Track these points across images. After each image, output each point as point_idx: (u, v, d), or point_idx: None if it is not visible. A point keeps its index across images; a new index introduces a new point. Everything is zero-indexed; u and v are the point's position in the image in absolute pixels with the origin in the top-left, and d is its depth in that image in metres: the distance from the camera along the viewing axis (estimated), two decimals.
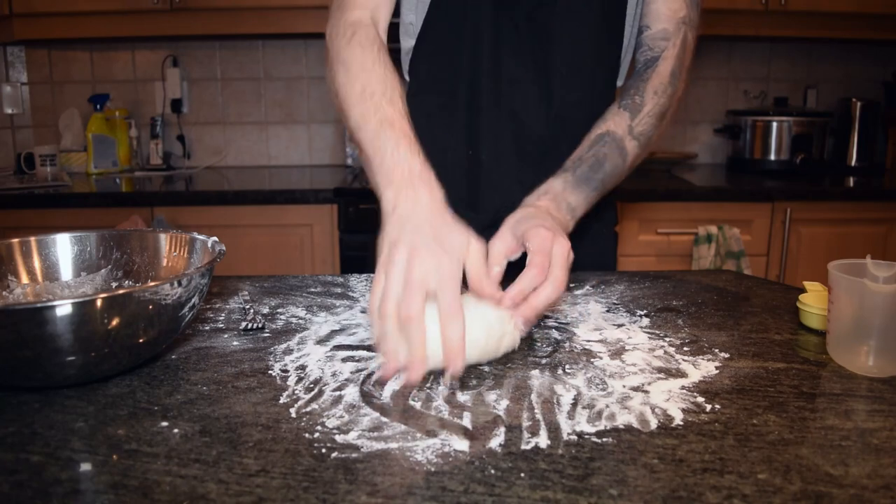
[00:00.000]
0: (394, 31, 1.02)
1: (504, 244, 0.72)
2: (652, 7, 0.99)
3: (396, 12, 1.04)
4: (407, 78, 1.15)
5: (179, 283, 0.61)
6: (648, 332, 0.76)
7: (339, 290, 0.92)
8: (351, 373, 0.65)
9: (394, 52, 1.00)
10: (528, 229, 0.72)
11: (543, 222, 0.73)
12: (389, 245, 0.64)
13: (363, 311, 0.83)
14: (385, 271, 0.62)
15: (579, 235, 1.07)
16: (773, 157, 2.48)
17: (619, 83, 1.09)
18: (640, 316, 0.82)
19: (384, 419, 0.55)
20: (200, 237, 0.75)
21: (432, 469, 0.48)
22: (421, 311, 0.59)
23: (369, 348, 0.71)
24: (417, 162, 0.73)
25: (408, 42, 1.10)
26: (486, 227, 0.76)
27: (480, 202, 1.06)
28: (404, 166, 0.72)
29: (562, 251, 0.70)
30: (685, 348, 0.72)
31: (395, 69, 0.86)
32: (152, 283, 0.59)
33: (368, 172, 0.77)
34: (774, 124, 2.47)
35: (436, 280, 0.60)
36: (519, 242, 0.72)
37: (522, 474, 0.47)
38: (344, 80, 0.85)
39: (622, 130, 0.91)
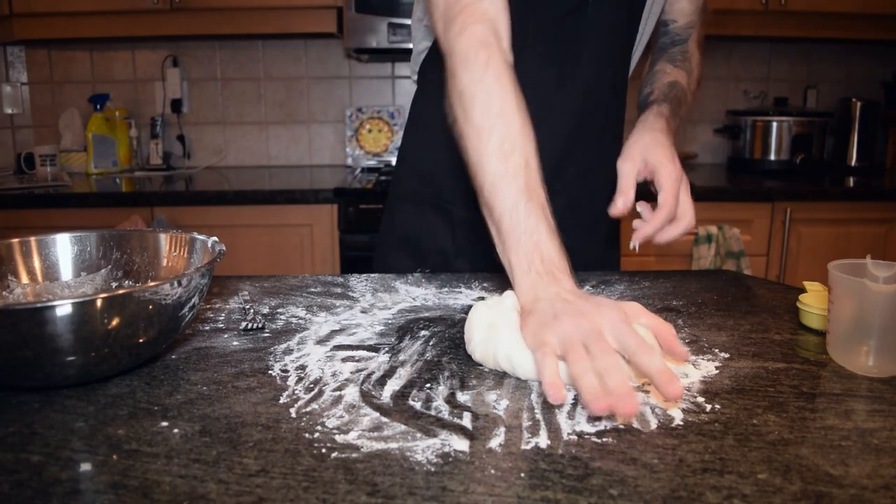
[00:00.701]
0: (405, 30, 1.02)
1: (634, 166, 0.83)
2: (677, 7, 1.07)
3: (407, 14, 1.04)
4: (414, 79, 1.15)
5: (179, 283, 0.61)
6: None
7: (339, 290, 0.92)
8: (351, 373, 0.65)
9: (403, 52, 0.99)
10: (660, 163, 0.82)
11: (672, 155, 0.83)
12: (545, 318, 0.60)
13: (363, 312, 0.83)
14: (556, 333, 0.58)
15: (590, 231, 1.08)
16: (773, 157, 2.48)
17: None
18: None
19: (384, 419, 0.55)
20: (200, 237, 0.75)
21: (432, 469, 0.48)
22: (616, 356, 0.56)
23: (369, 348, 0.71)
24: (557, 250, 0.67)
25: (422, 43, 1.09)
26: None
27: None
28: (545, 253, 0.66)
29: (687, 190, 0.82)
30: (685, 348, 0.72)
31: (528, 110, 0.76)
32: (152, 283, 0.59)
33: (497, 240, 0.70)
34: (774, 124, 2.47)
35: (610, 325, 0.57)
36: (648, 169, 0.82)
37: (522, 474, 0.47)
38: (480, 124, 0.73)
39: (685, 83, 1.01)
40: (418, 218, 1.11)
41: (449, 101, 0.78)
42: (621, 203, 0.82)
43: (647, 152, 0.83)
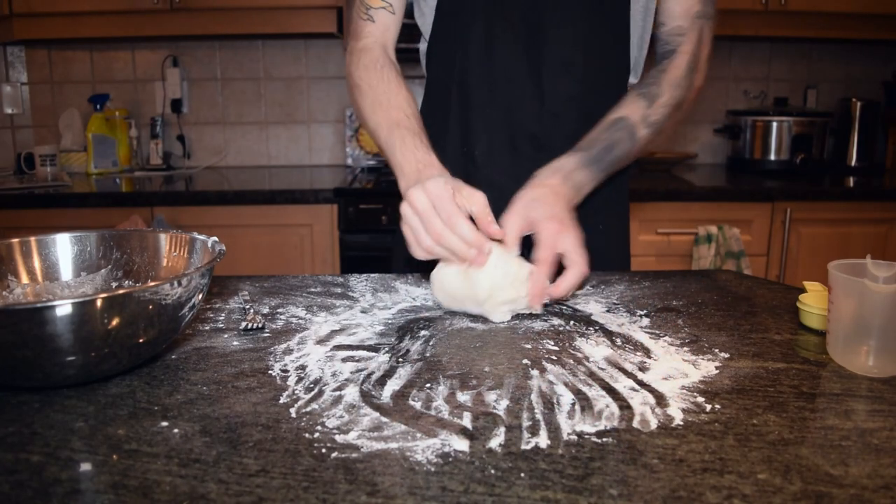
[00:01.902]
0: (405, 30, 1.08)
1: (517, 223, 0.82)
2: (665, 6, 1.01)
3: (411, 15, 1.08)
4: (426, 76, 1.17)
5: (179, 283, 0.61)
6: (648, 332, 0.76)
7: (339, 290, 0.92)
8: (351, 373, 0.65)
9: (403, 52, 1.04)
10: (538, 220, 0.82)
11: (553, 211, 0.83)
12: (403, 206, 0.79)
13: (363, 312, 0.83)
14: (404, 222, 0.79)
15: (602, 232, 1.08)
16: (773, 157, 2.48)
17: (635, 80, 1.09)
18: (640, 316, 0.82)
19: (384, 419, 0.55)
20: (200, 237, 0.75)
21: (432, 469, 0.48)
22: (444, 227, 0.76)
23: (369, 348, 0.71)
24: (422, 153, 0.86)
25: (423, 45, 1.13)
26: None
27: None
28: (411, 159, 0.86)
29: (571, 240, 0.81)
30: (685, 348, 0.72)
31: (400, 81, 0.99)
32: (152, 283, 0.59)
33: (391, 167, 0.90)
34: (774, 124, 2.47)
35: (433, 202, 0.76)
36: (529, 225, 0.82)
37: (522, 474, 0.47)
38: (359, 100, 0.99)
39: (637, 118, 0.96)
40: None
41: (350, 98, 1.03)
42: (490, 225, 0.81)
43: (528, 208, 0.83)
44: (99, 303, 0.55)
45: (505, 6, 1.00)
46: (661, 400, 0.59)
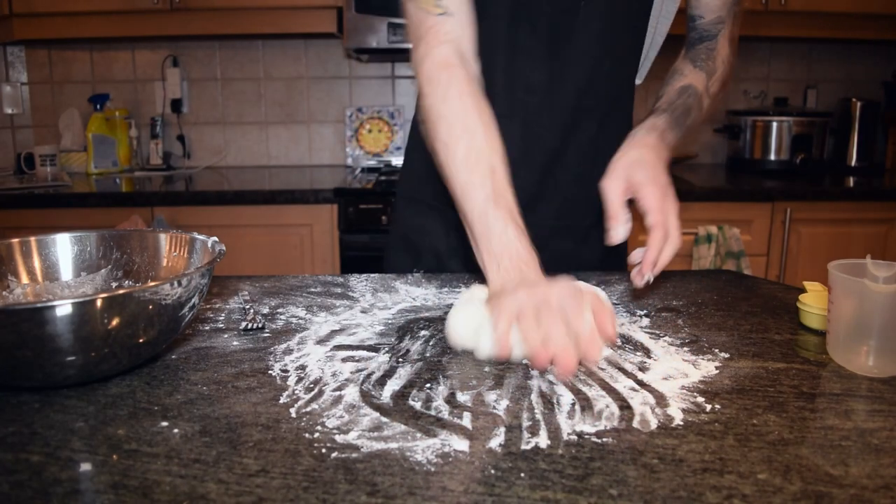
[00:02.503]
0: (405, 30, 1.02)
1: (619, 187, 0.79)
2: (703, 2, 1.02)
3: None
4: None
5: (179, 283, 0.61)
6: (648, 332, 0.76)
7: (339, 290, 0.92)
8: (351, 373, 0.65)
9: (403, 52, 0.99)
10: (642, 184, 0.78)
11: (655, 175, 0.79)
12: (505, 293, 0.67)
13: (363, 312, 0.83)
14: (513, 299, 0.65)
15: (585, 235, 1.07)
16: (772, 157, 2.48)
17: (639, 81, 1.09)
18: (640, 316, 0.82)
19: (384, 419, 0.55)
20: (200, 237, 0.75)
21: (432, 469, 0.48)
22: (561, 319, 0.63)
23: (369, 348, 0.71)
24: (524, 248, 0.73)
25: None
26: None
27: None
28: (513, 253, 0.72)
29: (674, 209, 0.78)
30: (685, 348, 0.72)
31: (493, 119, 0.83)
32: (152, 283, 0.59)
33: (472, 244, 0.77)
34: (774, 124, 2.47)
35: (559, 297, 0.64)
36: (631, 188, 0.79)
37: (522, 474, 0.47)
38: (446, 140, 0.81)
39: (702, 87, 0.96)
40: (417, 217, 1.12)
41: (421, 118, 0.85)
42: (614, 232, 0.78)
43: (631, 170, 0.79)
44: (99, 303, 0.55)
45: (531, 14, 0.96)
46: (661, 400, 0.59)
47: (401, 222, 1.15)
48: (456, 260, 1.07)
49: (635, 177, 0.79)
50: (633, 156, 0.81)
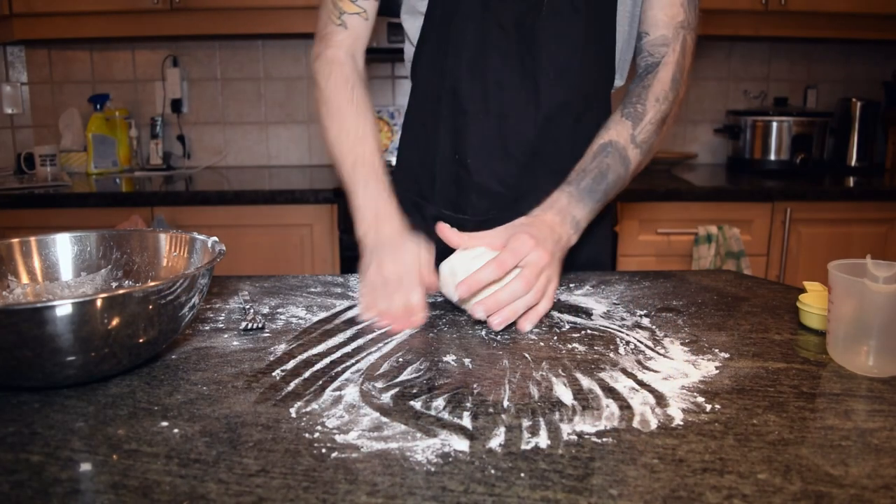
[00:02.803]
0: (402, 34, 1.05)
1: (493, 242, 0.81)
2: (649, 14, 0.99)
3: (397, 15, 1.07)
4: (411, 83, 1.17)
5: (179, 283, 0.61)
6: (648, 332, 0.76)
7: (339, 290, 0.92)
8: (351, 373, 0.65)
9: (403, 52, 1.02)
10: (514, 234, 0.79)
11: (534, 231, 0.80)
12: (364, 268, 0.84)
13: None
14: (367, 281, 0.83)
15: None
16: (773, 157, 2.48)
17: (620, 82, 1.09)
18: (640, 316, 0.82)
19: (384, 419, 0.55)
20: (200, 237, 0.75)
21: (432, 469, 0.48)
22: (400, 291, 0.81)
23: (369, 347, 0.71)
24: (383, 200, 0.89)
25: (409, 49, 1.12)
26: (476, 228, 0.85)
27: (469, 205, 1.06)
28: (371, 206, 0.89)
29: (537, 259, 0.77)
30: (685, 348, 0.72)
31: (368, 104, 0.99)
32: (152, 283, 0.59)
33: (349, 202, 0.91)
34: (774, 124, 2.47)
35: (401, 273, 0.81)
36: (504, 243, 0.79)
37: (522, 474, 0.47)
38: (325, 120, 0.98)
39: (625, 139, 0.93)
40: (405, 215, 1.13)
41: (316, 107, 1.01)
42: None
43: (510, 229, 0.81)
44: (99, 303, 0.55)
45: (499, 13, 0.99)
46: (661, 400, 0.59)
47: None
48: (435, 257, 1.08)
49: (515, 230, 0.80)
50: (521, 221, 0.83)
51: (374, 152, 0.93)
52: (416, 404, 0.58)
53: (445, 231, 0.83)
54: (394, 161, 1.27)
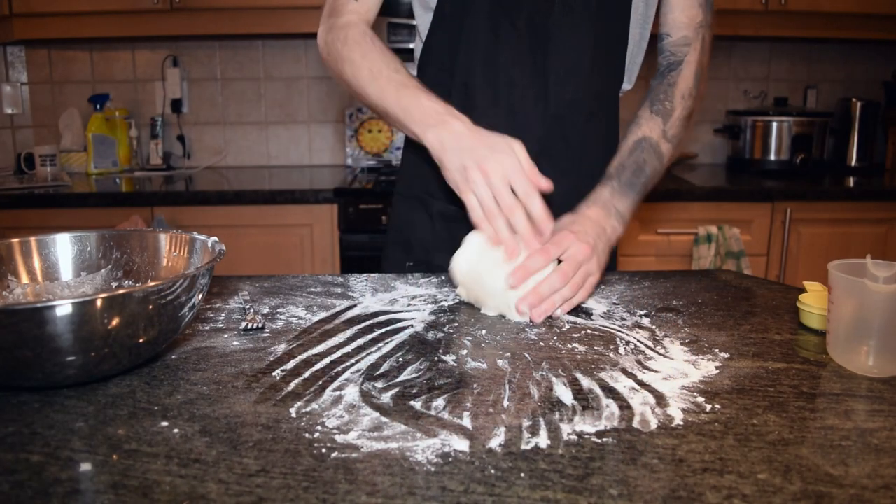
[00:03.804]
0: (405, 30, 1.06)
1: (545, 239, 0.82)
2: (670, 17, 1.03)
3: (411, 14, 1.08)
4: (417, 77, 1.18)
5: (179, 284, 0.61)
6: (648, 332, 0.76)
7: (339, 290, 0.92)
8: (351, 373, 0.65)
9: (403, 52, 1.02)
10: (558, 231, 0.83)
11: (578, 228, 0.84)
12: (460, 171, 0.80)
13: (363, 311, 0.83)
14: (472, 190, 0.79)
15: None
16: (773, 157, 2.48)
17: (628, 86, 1.10)
18: (640, 316, 0.82)
19: (384, 419, 0.55)
20: (200, 237, 0.75)
21: (432, 469, 0.48)
22: (516, 201, 0.78)
23: (369, 347, 0.71)
24: (440, 103, 0.86)
25: (418, 45, 1.13)
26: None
27: None
28: (431, 111, 0.85)
29: (577, 253, 0.81)
30: (685, 348, 0.72)
31: (393, 52, 0.96)
32: (152, 283, 0.59)
33: (405, 130, 0.90)
34: (774, 124, 2.47)
35: (508, 175, 0.77)
36: (561, 247, 0.82)
37: (522, 474, 0.47)
38: (351, 72, 0.95)
39: (657, 135, 0.97)
40: (410, 212, 1.14)
41: (333, 71, 1.02)
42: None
43: (564, 223, 0.86)
44: (99, 303, 0.55)
45: (511, 10, 1.00)
46: (661, 400, 0.59)
47: (396, 218, 1.18)
48: (441, 254, 1.09)
49: (561, 228, 0.84)
50: (569, 219, 0.87)
51: (413, 77, 0.92)
52: (416, 404, 0.58)
53: (536, 178, 0.79)
54: (394, 161, 1.29)
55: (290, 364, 0.67)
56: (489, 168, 0.78)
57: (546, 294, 0.79)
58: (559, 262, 0.82)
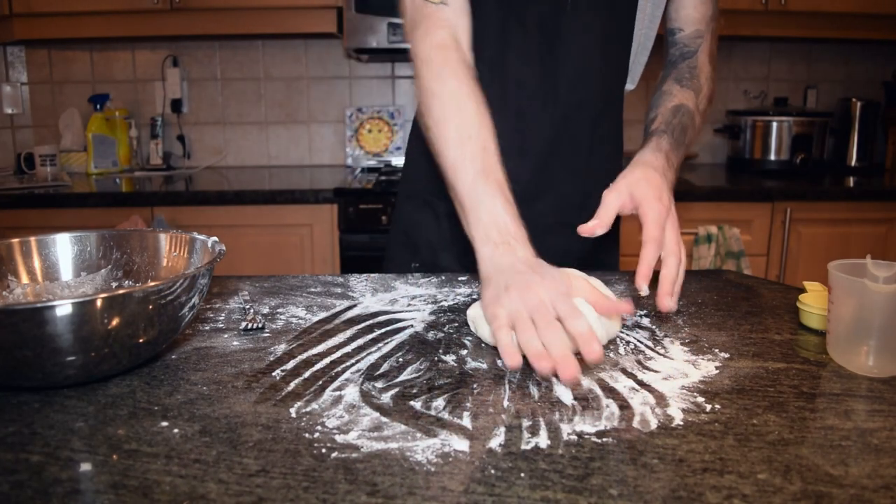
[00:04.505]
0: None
1: (619, 199, 0.78)
2: (682, 13, 1.04)
3: None
4: None
5: (179, 283, 0.61)
6: (649, 332, 0.76)
7: (339, 290, 0.92)
8: (351, 373, 0.65)
9: (403, 52, 1.01)
10: (645, 199, 0.78)
11: (660, 192, 0.79)
12: (499, 289, 0.67)
13: (363, 311, 0.83)
14: (504, 305, 0.65)
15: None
16: (773, 157, 2.48)
17: (631, 86, 1.10)
18: (640, 316, 0.82)
19: (384, 419, 0.55)
20: (200, 237, 0.75)
21: (432, 469, 0.48)
22: (554, 319, 0.62)
23: (369, 347, 0.71)
24: (513, 220, 0.74)
25: None
26: None
27: None
28: (502, 224, 0.73)
29: (674, 227, 0.78)
30: (685, 348, 0.72)
31: (485, 101, 0.84)
32: (152, 283, 0.59)
33: (462, 219, 0.78)
34: (774, 124, 2.47)
35: (552, 297, 0.63)
36: (633, 203, 0.78)
37: (522, 474, 0.47)
38: (439, 117, 0.83)
39: (693, 105, 0.97)
40: (415, 213, 1.14)
41: (417, 99, 0.88)
42: (592, 224, 0.77)
43: (634, 186, 0.79)
44: (99, 303, 0.55)
45: (521, 11, 0.99)
46: (661, 400, 0.59)
47: (400, 218, 1.18)
48: (448, 254, 1.09)
49: (638, 192, 0.78)
50: (639, 173, 0.81)
51: (498, 161, 0.79)
52: (416, 404, 0.58)
53: (610, 305, 0.69)
54: (394, 161, 1.29)
55: (290, 364, 0.67)
56: (533, 288, 0.64)
57: (675, 277, 0.75)
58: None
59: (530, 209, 0.89)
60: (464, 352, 0.70)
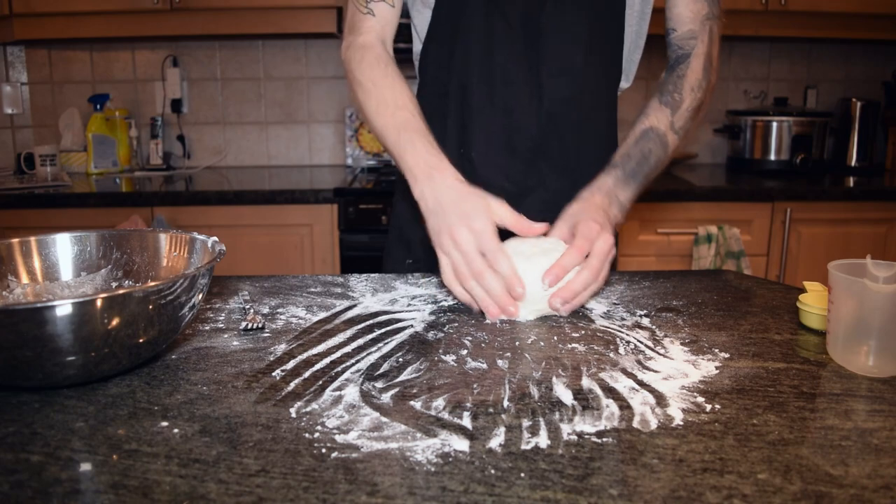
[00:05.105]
0: (405, 30, 1.08)
1: (563, 231, 0.85)
2: (675, 11, 1.03)
3: (407, 14, 1.08)
4: (418, 77, 1.18)
5: (179, 283, 0.61)
6: (648, 332, 0.76)
7: (339, 290, 0.92)
8: (351, 373, 0.65)
9: (403, 52, 1.04)
10: (580, 221, 0.84)
11: (595, 216, 0.85)
12: (436, 233, 0.83)
13: (363, 311, 0.83)
14: (445, 253, 0.81)
15: None
16: (772, 157, 2.48)
17: (626, 85, 1.10)
18: (640, 316, 0.82)
19: (384, 419, 0.55)
20: (200, 237, 0.75)
21: (432, 469, 0.48)
22: (485, 266, 0.78)
23: (369, 347, 0.71)
24: (433, 154, 0.87)
25: (417, 45, 1.13)
26: None
27: None
28: (423, 162, 0.87)
29: (604, 245, 0.82)
30: (685, 348, 0.72)
31: (402, 78, 0.98)
32: (152, 283, 0.59)
33: (405, 175, 0.89)
34: (774, 124, 2.47)
35: (477, 241, 0.78)
36: (571, 233, 0.84)
37: (522, 474, 0.47)
38: (362, 99, 0.98)
39: (664, 126, 0.98)
40: (409, 210, 1.14)
41: (351, 95, 1.02)
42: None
43: (571, 219, 0.86)
44: (99, 303, 0.55)
45: (505, 8, 1.00)
46: (661, 400, 0.59)
47: (396, 216, 1.19)
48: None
49: (575, 220, 0.85)
50: (576, 208, 0.88)
51: (416, 116, 0.92)
52: (416, 404, 0.58)
53: (526, 226, 0.83)
54: (392, 161, 1.29)
55: (290, 364, 0.67)
56: (459, 238, 0.79)
57: (580, 290, 0.80)
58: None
59: (523, 206, 0.90)
60: (464, 352, 0.70)
